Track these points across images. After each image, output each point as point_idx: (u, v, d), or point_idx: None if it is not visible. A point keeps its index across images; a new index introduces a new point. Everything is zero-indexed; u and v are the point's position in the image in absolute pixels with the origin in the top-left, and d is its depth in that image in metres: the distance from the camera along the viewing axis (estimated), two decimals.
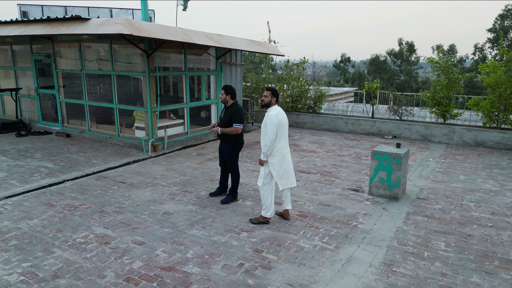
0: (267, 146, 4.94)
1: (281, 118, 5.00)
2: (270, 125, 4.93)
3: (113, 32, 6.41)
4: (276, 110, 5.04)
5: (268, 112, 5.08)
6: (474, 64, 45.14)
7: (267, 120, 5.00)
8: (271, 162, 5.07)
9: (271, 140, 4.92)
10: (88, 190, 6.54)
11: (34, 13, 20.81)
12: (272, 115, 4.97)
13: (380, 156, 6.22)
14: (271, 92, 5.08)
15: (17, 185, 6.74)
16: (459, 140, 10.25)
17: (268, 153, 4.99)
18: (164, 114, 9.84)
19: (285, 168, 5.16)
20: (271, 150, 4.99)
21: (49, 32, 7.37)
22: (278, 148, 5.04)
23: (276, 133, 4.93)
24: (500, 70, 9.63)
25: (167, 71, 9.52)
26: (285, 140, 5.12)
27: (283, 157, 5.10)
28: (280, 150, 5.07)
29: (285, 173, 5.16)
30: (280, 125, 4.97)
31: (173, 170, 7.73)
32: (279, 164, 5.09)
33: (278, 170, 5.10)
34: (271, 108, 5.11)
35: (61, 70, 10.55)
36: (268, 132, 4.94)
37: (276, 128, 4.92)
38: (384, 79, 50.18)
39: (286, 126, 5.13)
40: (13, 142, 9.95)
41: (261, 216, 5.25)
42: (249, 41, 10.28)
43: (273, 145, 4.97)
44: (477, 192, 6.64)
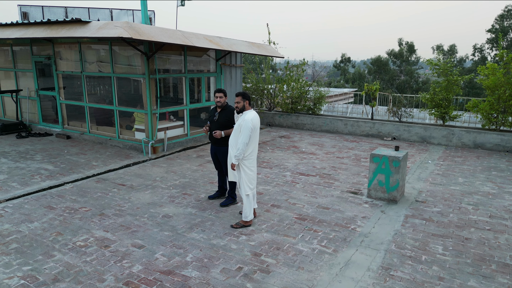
0: (240, 150, 5.02)
1: (256, 123, 5.12)
2: (244, 128, 5.01)
3: (113, 35, 6.44)
4: (252, 115, 5.13)
5: (244, 115, 5.15)
6: (474, 65, 45.14)
7: (242, 123, 5.07)
8: (244, 165, 5.15)
9: (244, 144, 5.00)
10: (88, 192, 6.57)
11: (34, 14, 20.83)
12: (248, 119, 5.04)
13: (378, 159, 6.25)
14: (241, 97, 5.18)
15: (18, 187, 6.78)
16: (458, 142, 10.28)
17: (240, 156, 5.06)
18: (164, 116, 9.87)
19: (255, 172, 5.27)
20: (243, 153, 5.05)
21: (50, 35, 7.40)
22: (249, 151, 5.14)
23: (249, 137, 5.01)
24: (499, 72, 9.65)
25: (167, 73, 9.55)
26: (255, 144, 5.23)
27: (253, 160, 5.22)
28: (251, 154, 5.17)
29: (253, 177, 5.26)
30: (254, 129, 5.06)
31: (172, 172, 7.77)
32: (250, 168, 5.18)
33: (249, 173, 5.18)
34: (247, 112, 5.19)
35: (61, 72, 10.58)
36: (242, 135, 5.02)
37: (250, 133, 5.01)
38: (385, 80, 50.22)
39: (258, 130, 5.25)
40: (13, 144, 9.99)
41: (242, 221, 5.30)
42: (249, 43, 10.31)
43: (246, 148, 5.03)
44: (476, 195, 6.67)
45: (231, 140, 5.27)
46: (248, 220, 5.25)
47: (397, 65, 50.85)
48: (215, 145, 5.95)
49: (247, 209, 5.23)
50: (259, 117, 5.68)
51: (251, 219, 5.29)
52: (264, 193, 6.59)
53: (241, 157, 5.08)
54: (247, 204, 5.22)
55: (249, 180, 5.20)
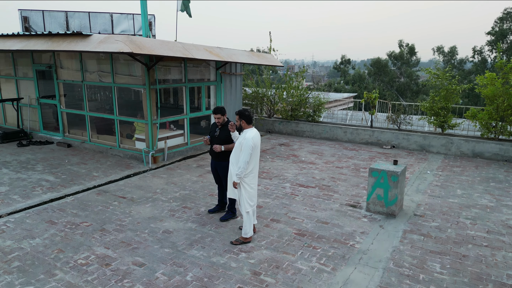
0: (241, 168, 5.06)
1: (256, 141, 5.16)
2: (245, 147, 5.05)
3: (114, 50, 6.50)
4: (253, 133, 5.17)
5: (245, 134, 5.19)
6: (474, 67, 45.24)
7: (243, 141, 5.12)
8: (245, 182, 5.20)
9: (245, 162, 5.05)
10: (89, 206, 6.62)
11: (35, 19, 20.89)
12: (249, 137, 5.09)
13: (377, 173, 6.30)
14: (238, 116, 5.24)
15: (19, 200, 6.83)
16: (457, 150, 10.33)
17: (242, 175, 5.11)
18: (164, 125, 9.93)
19: (255, 189, 5.32)
20: (245, 172, 5.10)
21: (51, 48, 7.46)
22: (250, 169, 5.19)
23: (250, 155, 5.05)
24: (498, 82, 9.70)
25: (167, 83, 9.60)
26: (256, 162, 5.28)
27: (253, 177, 5.27)
28: (252, 171, 5.22)
29: (254, 194, 5.31)
30: (254, 147, 5.11)
31: (173, 184, 7.82)
32: (250, 185, 5.23)
33: (250, 191, 5.23)
34: (247, 130, 5.23)
35: (62, 81, 10.63)
36: (243, 153, 5.06)
37: (251, 151, 5.06)
38: (385, 81, 50.30)
39: (259, 148, 5.29)
40: (14, 153, 10.04)
41: (241, 237, 5.34)
42: (249, 53, 10.37)
43: (247, 166, 5.08)
44: (474, 208, 6.71)
45: (232, 158, 5.32)
46: (247, 236, 5.30)
47: (397, 66, 50.90)
48: (216, 160, 6.00)
49: (247, 226, 5.28)
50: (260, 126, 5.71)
51: (251, 235, 5.33)
52: (264, 207, 6.64)
53: (243, 175, 5.13)
54: (247, 220, 5.26)
55: (249, 197, 5.25)
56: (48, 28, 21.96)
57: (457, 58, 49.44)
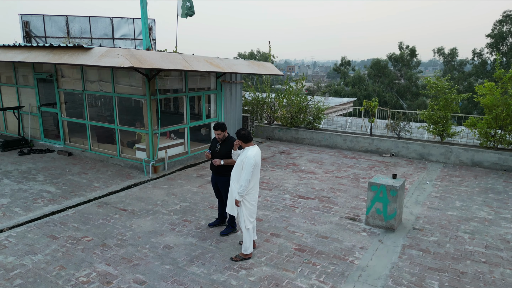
0: (243, 186, 5.10)
1: (258, 159, 5.20)
2: (247, 165, 5.09)
3: (115, 65, 6.54)
4: (254, 151, 5.20)
5: (246, 152, 5.22)
6: (474, 69, 45.34)
7: (244, 159, 5.15)
8: (245, 199, 5.24)
9: (246, 180, 5.08)
10: (90, 219, 6.66)
11: (35, 23, 20.95)
12: (250, 155, 5.12)
13: (376, 187, 6.35)
14: (242, 141, 5.28)
15: (21, 213, 6.88)
16: (456, 159, 10.37)
17: (243, 193, 5.15)
18: (164, 133, 9.97)
19: (255, 206, 5.36)
20: (246, 190, 5.15)
21: (52, 61, 7.50)
22: (251, 186, 5.23)
23: (252, 173, 5.09)
24: (497, 91, 9.75)
25: (168, 93, 9.65)
26: (257, 179, 5.32)
27: (254, 194, 5.32)
28: (253, 189, 5.27)
29: (254, 210, 5.35)
30: (256, 165, 5.15)
31: (173, 195, 7.86)
32: (251, 202, 5.28)
33: (250, 207, 5.28)
34: (249, 148, 5.26)
35: (63, 89, 10.68)
36: (244, 172, 5.10)
37: (252, 169, 5.09)
38: (384, 83, 50.35)
39: (260, 166, 5.33)
40: (15, 162, 10.09)
41: (242, 254, 5.39)
42: (248, 62, 10.42)
43: (248, 184, 5.13)
44: (472, 221, 6.76)
45: (233, 175, 5.36)
46: (248, 253, 5.34)
47: (397, 68, 50.92)
48: (216, 174, 6.05)
49: (247, 242, 5.32)
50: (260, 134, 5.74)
51: (251, 251, 5.38)
52: (264, 220, 6.68)
53: (244, 193, 5.17)
54: (247, 237, 5.31)
55: (249, 214, 5.29)
56: (49, 33, 22.02)
57: (457, 60, 49.55)
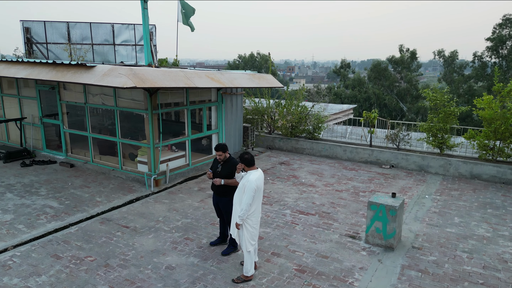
0: (244, 210, 5.18)
1: (259, 184, 5.27)
2: (248, 189, 5.16)
3: (118, 85, 6.63)
4: (257, 175, 5.27)
5: (248, 176, 5.29)
6: (474, 71, 45.49)
7: (246, 183, 5.22)
8: (246, 223, 5.32)
9: (247, 204, 5.16)
10: (93, 237, 6.74)
11: (36, 30, 21.04)
12: (252, 180, 5.19)
13: (376, 207, 6.43)
14: (245, 165, 5.35)
15: (24, 230, 6.96)
16: (455, 172, 10.45)
17: (244, 216, 5.23)
18: (166, 146, 10.05)
19: (257, 228, 5.44)
20: (247, 213, 5.23)
21: (55, 78, 7.59)
22: (253, 210, 5.30)
23: (253, 197, 5.17)
24: (495, 105, 9.82)
25: (169, 107, 9.72)
26: (259, 203, 5.39)
27: (256, 218, 5.39)
28: (254, 212, 5.34)
29: (255, 233, 5.42)
30: (257, 190, 5.22)
31: (175, 211, 7.94)
32: (252, 225, 5.35)
33: (251, 230, 5.35)
34: (251, 172, 5.33)
35: (65, 102, 10.77)
36: (246, 196, 5.17)
37: (254, 193, 5.17)
38: (385, 86, 50.46)
39: (262, 189, 5.41)
40: (18, 174, 10.17)
41: (243, 275, 5.46)
42: (249, 75, 10.50)
43: (249, 208, 5.21)
44: (470, 239, 6.83)
45: (236, 198, 5.44)
46: (249, 275, 5.42)
47: (397, 71, 51.00)
48: (217, 195, 6.13)
49: (248, 264, 5.40)
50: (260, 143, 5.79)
51: (252, 273, 5.46)
52: (265, 238, 6.76)
53: (245, 217, 5.25)
54: (248, 259, 5.39)
55: (251, 237, 5.36)
56: (50, 39, 22.12)
57: (457, 63, 49.66)
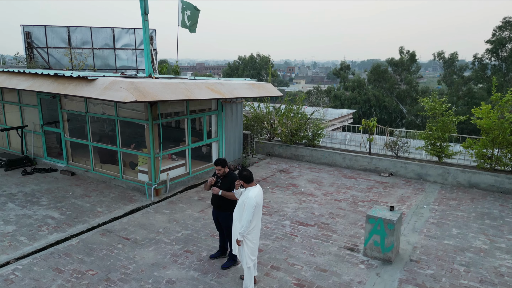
0: (244, 227, 5.26)
1: (259, 200, 5.35)
2: (248, 206, 5.24)
3: (119, 99, 6.70)
4: (256, 192, 5.34)
5: (247, 192, 5.37)
6: (474, 73, 45.65)
7: (246, 200, 5.30)
8: (247, 239, 5.39)
9: (248, 221, 5.24)
10: (94, 249, 6.81)
11: (37, 34, 21.13)
12: (251, 196, 5.27)
13: (374, 220, 6.50)
14: (243, 182, 5.43)
15: (26, 242, 7.03)
16: (453, 180, 10.52)
17: (245, 233, 5.32)
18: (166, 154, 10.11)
19: (256, 244, 5.51)
20: (247, 230, 5.30)
21: (56, 91, 7.66)
22: (253, 226, 5.38)
23: (253, 213, 5.25)
24: (493, 115, 9.89)
25: (170, 117, 9.80)
26: (259, 219, 5.47)
27: (256, 233, 5.47)
28: (254, 228, 5.41)
29: (255, 249, 5.50)
30: (257, 206, 5.30)
31: (175, 222, 8.01)
32: (252, 241, 5.42)
33: (251, 246, 5.43)
34: (251, 188, 5.41)
35: (66, 110, 10.84)
36: (246, 212, 5.25)
37: (253, 210, 5.25)
38: (385, 88, 50.55)
39: (261, 206, 5.49)
40: (19, 183, 10.23)
41: None
42: (249, 85, 10.57)
43: (249, 225, 5.29)
44: (468, 251, 6.90)
45: (235, 214, 5.51)
46: None
47: (397, 73, 51.09)
48: (217, 209, 6.21)
49: (248, 280, 5.47)
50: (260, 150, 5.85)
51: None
52: (264, 250, 6.83)
53: (245, 234, 5.32)
54: (248, 275, 5.46)
55: (251, 252, 5.43)
56: (50, 43, 22.19)
57: (457, 65, 49.78)
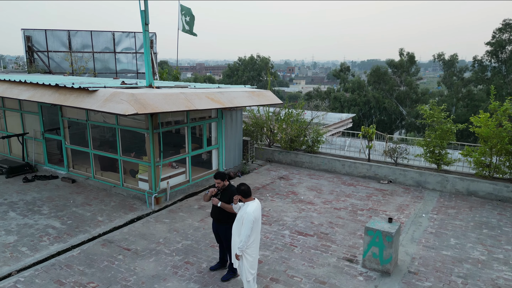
0: (243, 242, 5.33)
1: (257, 215, 5.42)
2: (246, 221, 5.30)
3: (119, 112, 6.76)
4: (254, 207, 5.41)
5: (246, 208, 5.43)
6: (474, 75, 45.78)
7: (244, 215, 5.36)
8: (246, 253, 5.45)
9: (246, 236, 5.31)
10: (95, 261, 6.87)
11: (37, 38, 21.20)
12: (250, 211, 5.33)
13: (372, 232, 6.56)
14: (242, 196, 5.49)
15: (28, 253, 7.09)
16: (452, 188, 10.58)
17: (244, 248, 5.38)
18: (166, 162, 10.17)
19: (255, 257, 5.57)
20: (246, 245, 5.37)
21: (57, 102, 7.72)
22: (251, 240, 5.44)
23: (251, 228, 5.31)
24: (492, 124, 9.95)
25: (170, 125, 9.85)
26: (257, 233, 5.53)
27: (255, 248, 5.52)
28: (253, 242, 5.47)
29: (255, 263, 5.55)
30: (255, 220, 5.35)
31: (175, 232, 8.07)
32: (251, 255, 5.49)
33: (250, 260, 5.49)
34: (248, 203, 5.47)
35: (67, 118, 10.90)
36: (244, 228, 5.32)
37: (252, 225, 5.31)
38: (384, 90, 50.62)
39: (260, 220, 5.54)
40: (20, 191, 10.29)
41: None
42: (249, 93, 10.63)
43: (248, 240, 5.35)
44: (466, 263, 6.96)
45: (234, 229, 5.58)
46: None
47: (397, 75, 51.18)
48: (217, 222, 6.27)
49: None
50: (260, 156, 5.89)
51: None
52: (264, 262, 6.89)
53: (244, 248, 5.38)
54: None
55: (250, 266, 5.50)
56: (51, 47, 22.24)
57: (457, 67, 49.90)
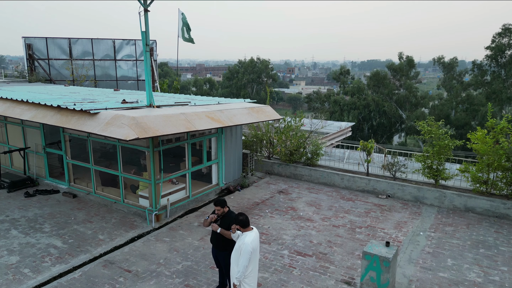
0: (241, 272, 5.42)
1: (255, 245, 5.49)
2: (244, 252, 5.38)
3: (120, 137, 6.86)
4: (252, 237, 5.48)
5: (244, 238, 5.50)
6: (474, 79, 45.86)
7: (242, 246, 5.44)
8: (244, 282, 5.54)
9: (244, 267, 5.39)
10: (96, 284, 6.96)
11: (38, 46, 21.32)
12: (247, 242, 5.41)
13: (370, 257, 6.64)
14: (240, 226, 5.58)
15: (30, 275, 7.18)
16: (450, 204, 10.68)
17: (241, 278, 5.48)
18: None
19: (254, 286, 5.66)
20: (244, 275, 5.46)
21: (59, 124, 7.82)
22: (249, 270, 5.53)
23: (249, 259, 5.39)
24: (489, 141, 10.04)
25: (170, 143, 9.95)
26: (256, 263, 5.62)
27: (253, 277, 5.61)
28: (251, 272, 5.56)
29: None
30: (253, 251, 5.44)
31: (175, 251, 8.16)
32: (250, 284, 5.57)
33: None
34: (246, 233, 5.54)
35: (68, 134, 10.99)
36: (242, 258, 5.39)
37: (250, 256, 5.38)
38: (384, 93, 50.74)
39: (258, 250, 5.62)
40: (22, 206, 10.39)
41: None
42: (248, 110, 10.73)
43: (246, 270, 5.43)
44: (462, 285, 7.06)
45: (233, 258, 5.68)
46: None
47: (396, 78, 51.32)
48: (216, 248, 6.36)
49: None
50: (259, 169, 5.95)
51: None
52: (263, 285, 6.98)
53: (242, 278, 5.48)
54: None
55: None
56: (52, 55, 22.35)
57: (456, 71, 50.03)
